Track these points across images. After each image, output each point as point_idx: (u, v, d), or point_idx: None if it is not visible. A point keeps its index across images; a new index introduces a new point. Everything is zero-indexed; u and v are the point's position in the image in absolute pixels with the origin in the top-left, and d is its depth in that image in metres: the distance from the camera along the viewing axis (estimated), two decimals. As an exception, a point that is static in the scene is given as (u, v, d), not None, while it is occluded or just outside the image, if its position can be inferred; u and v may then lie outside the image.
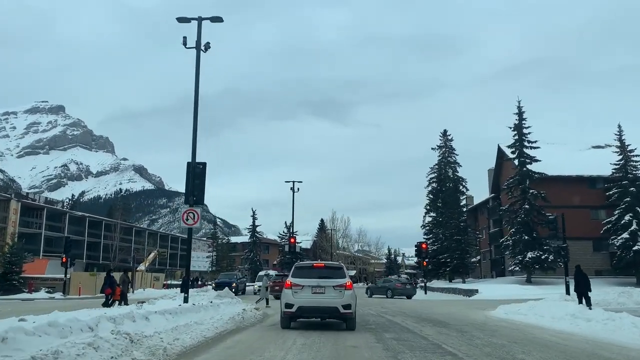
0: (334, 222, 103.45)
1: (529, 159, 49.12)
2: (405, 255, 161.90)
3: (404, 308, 26.82)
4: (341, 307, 14.14)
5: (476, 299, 40.04)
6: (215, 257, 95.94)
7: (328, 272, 15.26)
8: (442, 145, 72.70)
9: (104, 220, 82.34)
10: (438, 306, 29.29)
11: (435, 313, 22.85)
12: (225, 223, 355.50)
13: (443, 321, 18.23)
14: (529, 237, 47.10)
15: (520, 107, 49.80)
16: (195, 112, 19.34)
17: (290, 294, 14.43)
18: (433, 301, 37.32)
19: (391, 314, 21.72)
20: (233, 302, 18.76)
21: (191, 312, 13.59)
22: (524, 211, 47.58)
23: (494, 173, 62.73)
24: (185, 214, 18.44)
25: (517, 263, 47.36)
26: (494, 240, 64.53)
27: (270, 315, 20.19)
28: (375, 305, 29.94)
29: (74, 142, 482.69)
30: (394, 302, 34.73)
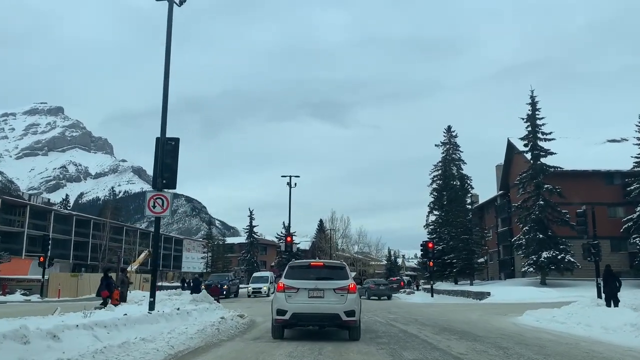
0: (333, 222, 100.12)
1: (543, 152, 45.69)
2: (405, 257, 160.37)
3: (414, 314, 23.44)
4: (343, 313, 12.12)
5: (489, 303, 36.65)
6: (210, 258, 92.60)
7: (328, 272, 13.19)
8: (446, 142, 69.97)
9: (92, 219, 78.71)
10: (452, 311, 25.89)
11: (453, 320, 19.46)
12: (224, 225, 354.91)
13: (468, 332, 14.88)
14: (543, 236, 43.67)
15: (534, 96, 46.44)
16: (166, 72, 15.99)
17: (283, 299, 12.37)
18: (443, 305, 33.88)
19: (402, 322, 18.35)
20: (211, 308, 15.38)
21: (142, 323, 10.18)
22: (539, 207, 44.14)
23: (503, 169, 59.30)
24: (151, 200, 14.98)
25: (531, 264, 43.88)
26: (502, 240, 61.11)
27: (257, 324, 16.84)
28: (379, 310, 26.56)
29: (73, 144, 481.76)
30: (400, 306, 31.33)
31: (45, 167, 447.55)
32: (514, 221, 57.13)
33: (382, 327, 16.24)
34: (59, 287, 42.70)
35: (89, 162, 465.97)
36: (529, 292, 39.50)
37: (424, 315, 22.09)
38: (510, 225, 58.52)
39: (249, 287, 46.76)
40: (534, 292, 39.53)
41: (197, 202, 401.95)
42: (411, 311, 25.32)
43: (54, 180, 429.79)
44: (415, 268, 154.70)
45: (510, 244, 58.13)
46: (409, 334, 13.98)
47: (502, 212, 60.89)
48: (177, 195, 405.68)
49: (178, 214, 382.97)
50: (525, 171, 46.47)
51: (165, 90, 15.88)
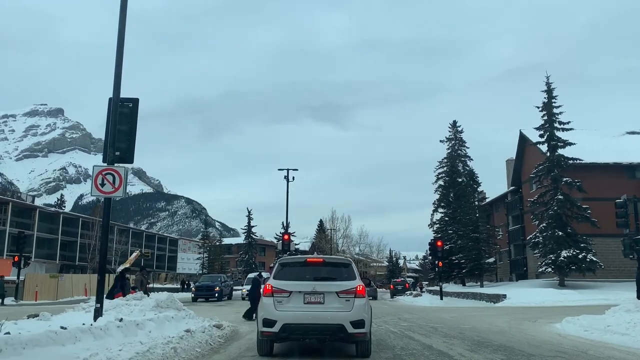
0: (333, 222, 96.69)
1: (561, 142, 42.14)
2: (406, 258, 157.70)
3: (430, 320, 19.98)
4: (350, 324, 9.25)
5: (507, 307, 33.26)
6: (206, 260, 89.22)
7: (329, 271, 10.28)
8: (451, 138, 67.41)
9: (80, 217, 75.13)
10: (473, 317, 22.41)
11: (481, 330, 16.02)
12: (224, 226, 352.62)
13: (511, 347, 11.50)
14: (562, 233, 40.13)
15: (549, 83, 42.91)
16: (122, 15, 12.56)
17: (271, 305, 9.48)
18: (457, 310, 30.44)
19: (421, 332, 14.93)
20: (177, 317, 11.88)
21: (42, 346, 6.63)
22: (557, 203, 40.60)
23: (515, 163, 55.74)
24: (99, 176, 11.52)
25: (549, 263, 40.31)
26: (514, 239, 57.66)
27: (239, 337, 13.43)
28: (387, 315, 23.11)
29: (73, 145, 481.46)
30: (409, 311, 27.87)
31: (45, 169, 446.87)
32: (526, 219, 53.74)
33: (397, 340, 12.83)
34: (36, 289, 39.23)
35: (89, 164, 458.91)
36: (548, 295, 36.05)
37: (442, 323, 18.64)
38: (522, 223, 55.10)
39: (243, 289, 42.97)
40: (554, 295, 36.06)
41: (197, 204, 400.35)
42: (425, 317, 21.86)
43: (53, 182, 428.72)
44: (417, 269, 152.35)
45: (522, 243, 54.78)
46: (436, 352, 10.57)
47: (514, 209, 57.42)
48: (177, 197, 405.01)
49: (178, 216, 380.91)
50: (542, 163, 42.94)
51: (120, 30, 12.45)
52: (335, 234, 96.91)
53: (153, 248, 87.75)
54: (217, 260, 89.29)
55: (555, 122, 42.56)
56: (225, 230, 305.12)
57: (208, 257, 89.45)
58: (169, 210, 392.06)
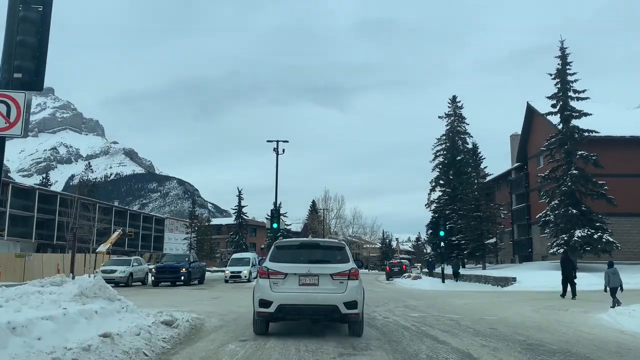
0: (326, 202, 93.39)
1: (575, 113, 38.61)
2: (399, 240, 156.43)
3: (443, 309, 16.53)
4: (343, 305, 9.44)
5: (518, 291, 29.97)
6: (194, 240, 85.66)
7: (323, 253, 10.46)
8: (450, 114, 64.37)
9: (58, 194, 71.16)
10: (491, 304, 19.01)
11: (513, 324, 12.61)
12: (216, 208, 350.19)
13: (579, 353, 8.09)
14: (576, 211, 36.77)
15: (564, 48, 39.27)
16: None
17: (267, 286, 9.66)
18: (468, 295, 27.01)
19: (439, 326, 11.45)
20: (106, 312, 8.25)
21: None
22: (571, 178, 37.16)
23: (521, 138, 52.15)
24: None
25: (561, 244, 36.95)
26: (518, 219, 54.26)
27: (200, 337, 9.89)
28: (390, 301, 19.69)
29: (64, 125, 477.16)
30: (413, 296, 24.41)
31: (36, 149, 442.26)
32: (532, 197, 50.43)
33: (416, 341, 9.37)
34: (0, 270, 35.61)
35: (80, 144, 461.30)
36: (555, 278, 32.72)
37: (460, 312, 15.21)
38: (527, 201, 51.72)
39: (226, 271, 39.52)
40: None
41: (189, 185, 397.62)
42: (435, 304, 18.40)
43: (44, 162, 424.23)
44: (410, 251, 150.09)
45: (528, 223, 51.48)
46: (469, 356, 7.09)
47: (518, 187, 53.98)
48: (168, 178, 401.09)
49: (170, 197, 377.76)
50: (554, 136, 39.43)
51: None
52: (328, 215, 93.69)
53: (138, 228, 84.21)
54: (205, 241, 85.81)
55: (569, 91, 39.01)
56: (217, 212, 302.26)
57: (196, 237, 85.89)
58: (161, 192, 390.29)
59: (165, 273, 33.11)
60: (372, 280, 54.75)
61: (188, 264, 34.14)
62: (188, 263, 34.30)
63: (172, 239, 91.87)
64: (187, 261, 34.88)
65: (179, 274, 32.65)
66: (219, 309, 15.22)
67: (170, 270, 33.15)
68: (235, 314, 13.99)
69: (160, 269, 33.71)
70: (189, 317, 11.33)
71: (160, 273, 33.17)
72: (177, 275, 32.72)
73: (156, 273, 33.29)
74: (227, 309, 15.36)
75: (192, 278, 33.84)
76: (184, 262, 34.56)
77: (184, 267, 33.17)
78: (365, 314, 12.14)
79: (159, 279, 32.92)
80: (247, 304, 17.23)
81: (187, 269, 33.04)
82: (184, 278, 32.60)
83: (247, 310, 15.17)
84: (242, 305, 16.66)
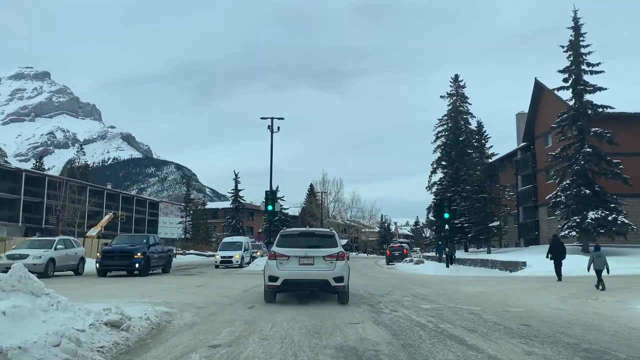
0: (324, 185, 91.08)
1: (589, 87, 36.31)
2: (397, 224, 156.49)
3: (456, 298, 14.40)
4: (332, 279, 12.23)
5: (529, 276, 28.05)
6: (190, 224, 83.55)
7: (318, 240, 13.19)
8: (452, 93, 62.64)
9: (46, 177, 68.59)
10: (509, 292, 16.93)
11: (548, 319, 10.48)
12: (214, 192, 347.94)
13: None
14: (589, 191, 34.61)
15: (577, 18, 36.93)
16: None
17: (275, 266, 12.44)
18: (478, 281, 24.90)
19: (461, 323, 9.25)
20: (19, 313, 6.05)
21: None
22: (584, 156, 34.96)
23: (528, 116, 49.79)
24: None
25: (574, 226, 34.82)
26: (523, 201, 52.08)
27: (154, 344, 7.78)
28: (395, 289, 17.57)
29: (60, 110, 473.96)
30: (419, 282, 22.26)
31: (33, 133, 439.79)
32: (539, 178, 48.29)
33: (439, 345, 7.19)
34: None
35: (77, 129, 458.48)
36: (575, 262, 30.59)
37: (478, 303, 13.05)
38: (534, 182, 49.50)
39: (216, 256, 37.19)
40: (582, 262, 30.66)
41: (187, 170, 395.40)
42: (446, 293, 16.22)
43: (41, 147, 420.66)
44: (409, 235, 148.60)
45: (534, 205, 49.34)
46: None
47: (524, 168, 51.75)
48: (166, 162, 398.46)
49: (168, 182, 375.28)
50: (565, 112, 37.18)
51: None
52: (326, 198, 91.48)
53: (131, 211, 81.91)
54: (201, 225, 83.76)
55: (582, 64, 36.69)
56: (215, 197, 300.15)
57: (191, 221, 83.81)
58: (159, 176, 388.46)
59: (114, 259, 24.74)
60: (371, 264, 52.74)
61: (146, 246, 25.93)
62: (146, 246, 26.04)
63: (167, 223, 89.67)
64: (144, 243, 26.38)
65: (132, 261, 24.53)
66: (198, 299, 13.07)
67: (120, 255, 24.77)
68: (216, 306, 11.89)
69: (107, 254, 24.99)
70: (154, 312, 9.19)
71: (107, 259, 24.72)
72: (130, 262, 24.54)
73: (102, 259, 24.73)
74: (208, 299, 13.22)
75: (151, 266, 25.85)
76: (141, 244, 26.19)
77: (140, 251, 25.05)
78: (369, 305, 12.22)
79: (105, 266, 24.58)
80: (233, 293, 15.24)
81: (144, 254, 24.91)
82: (139, 266, 24.53)
83: (231, 301, 13.06)
84: (227, 294, 14.58)
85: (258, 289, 16.82)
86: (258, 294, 15.06)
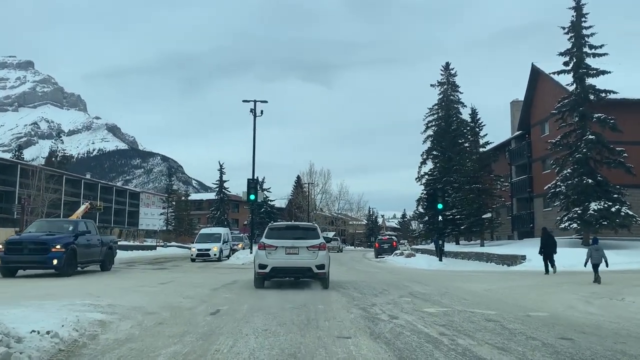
0: (311, 176, 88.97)
1: (592, 70, 34.24)
2: (384, 217, 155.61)
3: (463, 298, 12.10)
4: (315, 267, 13.82)
5: (529, 271, 26.08)
6: (172, 215, 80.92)
7: (302, 233, 14.76)
8: (443, 82, 61.13)
9: (19, 164, 65.67)
10: (518, 290, 14.76)
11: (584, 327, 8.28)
12: (201, 184, 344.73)
13: None
14: (592, 181, 32.59)
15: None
16: None
17: (264, 255, 13.91)
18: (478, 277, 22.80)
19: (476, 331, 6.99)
20: None
21: None
22: (586, 144, 32.90)
23: (524, 103, 47.68)
24: None
25: (575, 218, 32.79)
26: (518, 192, 50.06)
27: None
28: (390, 287, 15.38)
29: (45, 100, 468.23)
30: (415, 278, 20.09)
31: (16, 124, 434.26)
32: (535, 168, 46.32)
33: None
34: None
35: (62, 119, 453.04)
36: (576, 256, 28.55)
37: (490, 305, 10.84)
38: (529, 173, 47.50)
39: (192, 248, 34.57)
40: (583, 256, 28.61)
41: (173, 162, 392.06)
42: (448, 291, 13.98)
43: (25, 137, 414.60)
44: (396, 228, 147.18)
45: (530, 196, 47.37)
46: None
47: (519, 158, 49.71)
48: (152, 154, 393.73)
49: (154, 173, 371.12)
50: (566, 97, 35.08)
51: None
52: (313, 190, 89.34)
53: (110, 202, 79.06)
54: (184, 216, 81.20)
55: (584, 46, 34.60)
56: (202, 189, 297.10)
57: (174, 212, 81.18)
58: (145, 168, 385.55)
59: (23, 253, 17.75)
60: (359, 257, 50.58)
61: (71, 236, 18.84)
62: (71, 235, 18.92)
63: (149, 214, 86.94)
64: (69, 232, 19.28)
65: (47, 256, 17.54)
66: (153, 301, 10.72)
67: (32, 248, 17.82)
68: (171, 310, 9.54)
69: (12, 246, 17.90)
70: (79, 322, 6.88)
71: (12, 253, 17.74)
72: (45, 257, 17.57)
73: (5, 253, 17.72)
74: (165, 301, 10.87)
75: (80, 262, 19.29)
76: (64, 233, 19.03)
77: (61, 242, 17.99)
78: (362, 309, 10.08)
79: (10, 263, 17.76)
80: (199, 293, 12.66)
81: (66, 246, 18.03)
82: (58, 262, 17.61)
83: (193, 304, 10.67)
84: (192, 294, 12.26)
85: (231, 287, 14.59)
86: (230, 292, 12.83)
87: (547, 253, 23.67)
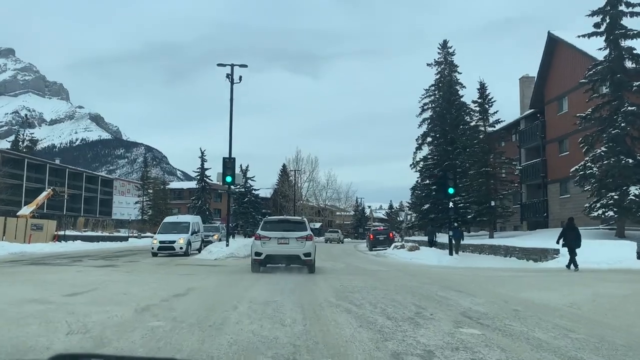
0: (298, 163, 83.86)
1: (630, 32, 29.02)
2: (372, 208, 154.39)
3: (535, 315, 6.75)
4: (302, 255, 16.06)
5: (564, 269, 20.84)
6: (148, 204, 75.16)
7: (292, 226, 17.14)
8: (440, 61, 57.01)
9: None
10: (612, 300, 9.48)
11: None
12: (185, 175, 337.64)
13: None
14: (633, 161, 27.49)
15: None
16: None
17: (260, 245, 16.17)
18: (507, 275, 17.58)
19: None
20: None
21: None
22: (625, 117, 27.77)
23: (538, 78, 42.30)
24: None
25: (610, 204, 27.69)
26: (528, 177, 44.75)
27: None
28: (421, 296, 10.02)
29: (26, 88, 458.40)
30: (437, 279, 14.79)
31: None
32: (549, 150, 41.19)
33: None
34: None
35: (44, 108, 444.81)
36: (622, 250, 23.48)
37: (618, 349, 5.55)
38: (542, 156, 42.20)
39: (154, 240, 28.59)
40: (631, 250, 23.50)
41: (157, 152, 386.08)
42: (519, 310, 8.60)
43: (5, 127, 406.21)
44: (383, 219, 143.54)
45: (543, 181, 42.21)
46: None
47: (530, 140, 44.45)
48: (136, 144, 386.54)
49: (138, 164, 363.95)
50: (598, 63, 29.85)
51: None
52: (300, 177, 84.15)
53: (80, 189, 73.16)
54: (161, 206, 75.50)
55: (620, 4, 29.41)
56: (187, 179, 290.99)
57: (150, 201, 75.41)
58: (128, 158, 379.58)
59: None
60: (351, 250, 45.38)
61: None
62: None
63: (124, 202, 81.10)
64: None
65: None
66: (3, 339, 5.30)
67: None
68: None
69: None
70: None
71: None
72: None
73: None
74: (28, 338, 5.46)
75: None
76: None
77: None
78: None
79: None
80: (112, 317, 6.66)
81: None
82: None
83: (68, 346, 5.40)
84: (97, 319, 6.84)
85: (175, 302, 9.11)
86: (164, 316, 7.48)
87: (570, 247, 20.61)
